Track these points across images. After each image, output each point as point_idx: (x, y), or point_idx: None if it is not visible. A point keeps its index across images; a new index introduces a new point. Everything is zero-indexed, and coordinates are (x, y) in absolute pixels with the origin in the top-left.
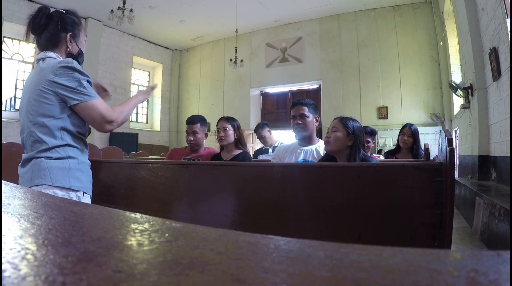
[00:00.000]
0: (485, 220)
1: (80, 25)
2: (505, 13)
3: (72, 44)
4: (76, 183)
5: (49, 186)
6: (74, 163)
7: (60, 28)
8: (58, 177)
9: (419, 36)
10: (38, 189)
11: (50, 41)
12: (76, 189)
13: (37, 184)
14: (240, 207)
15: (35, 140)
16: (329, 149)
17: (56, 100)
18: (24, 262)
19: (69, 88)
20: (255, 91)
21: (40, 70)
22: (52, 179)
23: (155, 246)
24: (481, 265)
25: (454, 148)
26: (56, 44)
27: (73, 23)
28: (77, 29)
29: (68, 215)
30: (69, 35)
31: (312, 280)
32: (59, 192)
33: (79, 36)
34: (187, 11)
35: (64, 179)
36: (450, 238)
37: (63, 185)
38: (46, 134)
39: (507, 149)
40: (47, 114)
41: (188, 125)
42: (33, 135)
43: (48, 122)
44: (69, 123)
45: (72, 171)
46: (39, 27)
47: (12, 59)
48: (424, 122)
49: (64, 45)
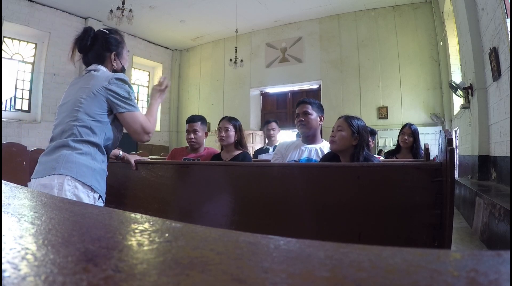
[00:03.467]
0: (485, 220)
1: (123, 43)
2: (505, 13)
3: (116, 62)
4: (96, 184)
5: (73, 179)
6: (98, 167)
7: (105, 48)
8: (83, 173)
9: (419, 36)
10: (62, 178)
11: (96, 59)
12: (95, 190)
13: (61, 174)
14: (240, 207)
15: (72, 133)
16: (334, 149)
17: (105, 106)
18: (24, 262)
19: (120, 96)
20: (255, 91)
21: (94, 76)
22: (77, 173)
23: (155, 246)
24: (481, 265)
25: (454, 148)
26: (102, 61)
27: (116, 43)
28: (121, 47)
29: (68, 215)
30: (113, 54)
31: (312, 280)
32: (80, 187)
33: (123, 53)
34: (187, 11)
35: (88, 177)
36: (450, 238)
37: (86, 182)
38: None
39: (507, 149)
40: (93, 115)
41: (188, 123)
42: (72, 128)
43: (92, 122)
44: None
45: (96, 173)
46: (85, 48)
47: (12, 59)
48: (424, 122)
49: (109, 63)
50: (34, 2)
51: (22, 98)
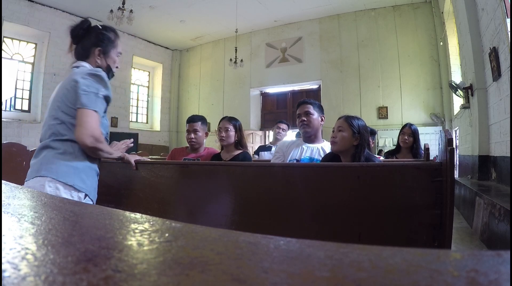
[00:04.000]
0: (485, 220)
1: (114, 42)
2: (505, 13)
3: (100, 59)
4: (80, 183)
5: (53, 180)
6: (82, 164)
7: (93, 42)
8: (64, 173)
9: (419, 36)
10: (42, 180)
11: (82, 52)
12: (79, 189)
13: (42, 175)
14: (240, 207)
15: (53, 132)
16: (336, 149)
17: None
18: (24, 262)
19: (83, 91)
20: (255, 91)
21: (72, 73)
22: (58, 174)
23: (155, 246)
24: (481, 265)
25: (454, 148)
26: (87, 56)
27: (106, 40)
28: (110, 45)
29: (68, 215)
30: (98, 49)
31: (312, 280)
32: (62, 187)
33: (110, 52)
34: (187, 11)
35: (69, 176)
36: (450, 238)
37: (66, 182)
38: (64, 128)
39: (507, 149)
40: (67, 111)
41: (189, 123)
42: (51, 128)
43: (67, 119)
44: None
45: (78, 171)
46: (76, 38)
47: (12, 59)
48: (424, 122)
49: (93, 58)
50: (34, 2)
51: (22, 98)
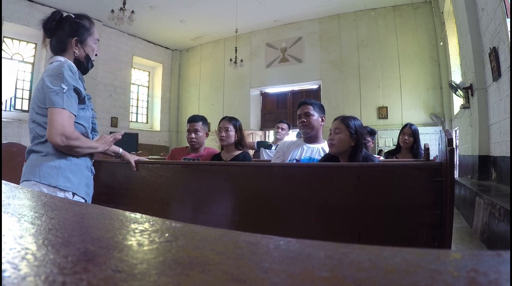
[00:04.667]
0: (485, 220)
1: (90, 29)
2: (505, 13)
3: (78, 49)
4: (64, 183)
5: (37, 183)
6: (66, 163)
7: (67, 33)
8: (47, 174)
9: (419, 36)
10: (28, 184)
11: (58, 45)
12: (64, 189)
13: (27, 180)
14: (240, 207)
15: (33, 135)
16: (334, 152)
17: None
18: (24, 262)
19: (49, 89)
20: (255, 91)
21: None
22: (40, 176)
23: (155, 246)
24: (481, 265)
25: (454, 148)
26: (64, 48)
27: (81, 28)
28: (86, 34)
29: (68, 215)
30: (74, 40)
31: (312, 280)
32: (45, 189)
33: (87, 41)
34: (187, 11)
35: (52, 178)
36: (450, 238)
37: (50, 183)
38: (41, 130)
39: (507, 149)
40: (40, 112)
41: (189, 123)
42: (32, 131)
43: (41, 120)
44: None
45: (62, 170)
46: (49, 31)
47: (12, 59)
48: (424, 122)
49: (71, 49)
50: (34, 2)
51: (22, 98)
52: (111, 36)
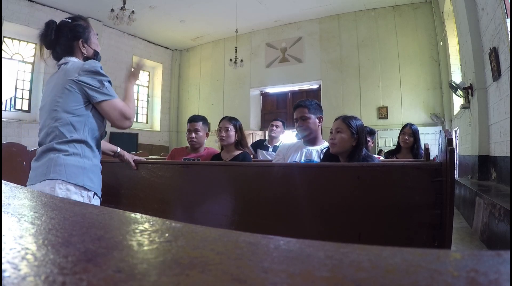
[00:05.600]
0: (485, 220)
1: (89, 27)
2: (505, 13)
3: (86, 48)
4: (89, 183)
5: (64, 182)
6: (89, 164)
7: (71, 37)
8: (73, 174)
9: (419, 36)
10: (52, 183)
11: (65, 51)
12: (89, 188)
13: (52, 178)
14: (240, 207)
15: (56, 135)
16: (335, 151)
17: (81, 98)
18: (24, 262)
19: (93, 87)
20: (255, 91)
21: (65, 71)
22: (67, 175)
23: (155, 246)
24: (481, 265)
25: (454, 148)
26: (72, 52)
27: (81, 29)
28: (87, 32)
29: (68, 215)
30: (81, 41)
31: (312, 280)
32: (73, 188)
33: (90, 38)
34: (187, 11)
35: (79, 177)
36: (450, 238)
37: (77, 182)
38: (70, 129)
39: (507, 149)
40: (71, 111)
41: (190, 123)
42: (55, 130)
43: (72, 118)
44: (91, 122)
45: (86, 171)
46: (51, 43)
47: (12, 59)
48: (424, 122)
49: (79, 51)
50: (34, 2)
51: (22, 98)
52: (111, 36)
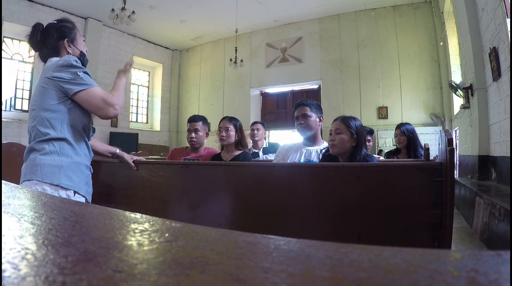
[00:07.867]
0: (485, 220)
1: (75, 29)
2: (505, 13)
3: (71, 48)
4: (66, 181)
5: (39, 182)
6: (67, 162)
7: (56, 37)
8: (49, 174)
9: (419, 36)
10: (29, 184)
11: (51, 51)
12: (66, 187)
13: (28, 179)
14: (240, 207)
15: (36, 133)
16: (335, 152)
17: (56, 95)
18: (24, 262)
19: (67, 79)
20: (255, 91)
21: (43, 70)
22: (42, 175)
23: (155, 246)
24: (481, 265)
25: (454, 148)
26: (57, 52)
27: (67, 29)
28: (73, 33)
29: (68, 215)
30: (66, 41)
31: (312, 280)
32: (48, 188)
33: (76, 38)
34: (187, 11)
35: (54, 176)
36: (450, 238)
37: (52, 182)
38: (46, 127)
39: (507, 149)
40: (48, 108)
41: (190, 123)
42: (35, 129)
43: (49, 115)
44: (70, 118)
45: (64, 169)
46: (37, 44)
47: (12, 59)
48: (424, 122)
49: (64, 51)
50: (34, 2)
51: (22, 98)
52: (111, 36)
